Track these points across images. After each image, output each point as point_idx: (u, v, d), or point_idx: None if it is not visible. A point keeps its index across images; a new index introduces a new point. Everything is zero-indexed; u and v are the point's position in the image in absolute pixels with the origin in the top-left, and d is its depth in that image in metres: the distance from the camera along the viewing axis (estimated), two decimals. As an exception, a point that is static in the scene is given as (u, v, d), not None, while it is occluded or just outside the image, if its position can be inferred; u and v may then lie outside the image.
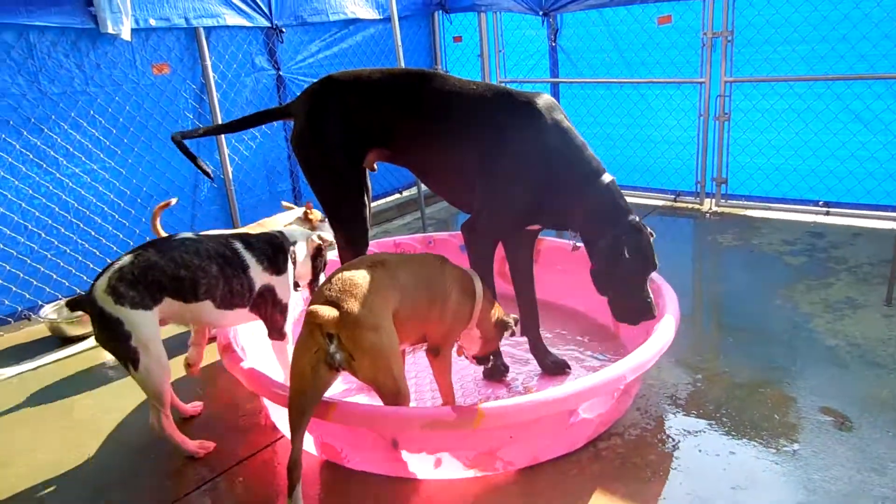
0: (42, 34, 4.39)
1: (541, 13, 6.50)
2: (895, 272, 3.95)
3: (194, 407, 3.30)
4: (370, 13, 6.51)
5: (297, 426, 2.42)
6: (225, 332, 3.20)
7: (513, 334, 3.00)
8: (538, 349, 3.45)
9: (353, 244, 3.21)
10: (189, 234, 2.96)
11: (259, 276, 2.95)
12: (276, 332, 3.08)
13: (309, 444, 2.89)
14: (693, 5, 5.84)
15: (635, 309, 3.02)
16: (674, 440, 2.87)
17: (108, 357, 4.02)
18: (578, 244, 3.13)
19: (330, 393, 2.59)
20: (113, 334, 2.64)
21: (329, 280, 2.50)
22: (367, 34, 6.62)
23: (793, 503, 2.46)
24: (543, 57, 6.96)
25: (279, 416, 3.06)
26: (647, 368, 2.83)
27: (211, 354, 3.73)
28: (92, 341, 4.18)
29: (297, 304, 3.38)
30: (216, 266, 2.83)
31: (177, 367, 3.24)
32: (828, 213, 5.68)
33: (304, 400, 2.40)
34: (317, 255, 3.24)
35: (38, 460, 3.01)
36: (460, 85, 3.09)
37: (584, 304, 4.05)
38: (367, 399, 2.98)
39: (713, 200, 6.24)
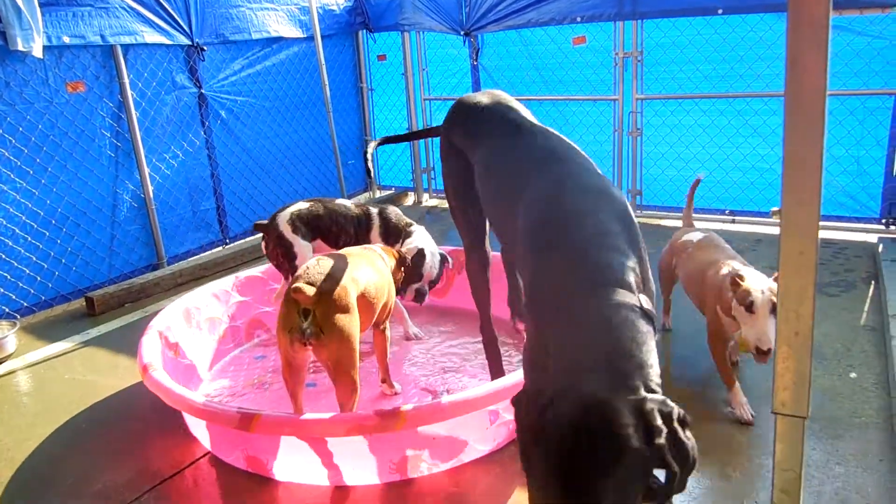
0: (-54, 51, 4.24)
1: (462, 33, 6.70)
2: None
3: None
4: (293, 32, 6.55)
5: (295, 393, 2.88)
6: (143, 352, 3.17)
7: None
8: None
9: (470, 251, 3.23)
10: (345, 202, 4.11)
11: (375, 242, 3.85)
12: None
13: (236, 460, 2.89)
14: (605, 27, 6.15)
15: None
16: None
17: (21, 384, 3.88)
18: None
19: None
20: (285, 251, 3.77)
21: (306, 266, 2.83)
22: (291, 52, 6.65)
23: (700, 489, 2.62)
24: (466, 75, 7.15)
25: (199, 431, 3.04)
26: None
27: (133, 376, 3.68)
28: (2, 369, 4.03)
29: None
30: (353, 228, 3.92)
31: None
32: (733, 221, 6.04)
33: (291, 371, 2.82)
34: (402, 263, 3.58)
35: (-54, 492, 2.89)
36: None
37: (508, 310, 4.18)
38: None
39: (637, 211, 6.52)
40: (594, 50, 6.34)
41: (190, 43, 5.62)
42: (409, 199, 7.87)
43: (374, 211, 4.05)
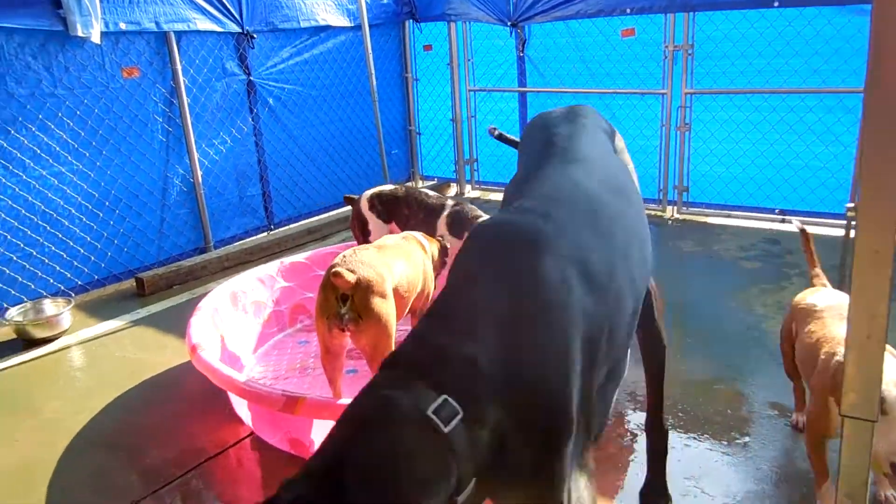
0: (10, 36, 4.38)
1: (509, 24, 6.65)
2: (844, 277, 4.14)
3: None
4: (341, 20, 6.59)
5: (334, 379, 2.96)
6: (191, 332, 3.25)
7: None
8: None
9: None
10: (429, 191, 4.24)
11: (441, 230, 3.91)
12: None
13: (279, 441, 2.95)
14: (655, 19, 6.04)
15: None
16: (632, 435, 2.99)
17: (75, 359, 4.02)
18: None
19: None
20: (361, 227, 4.11)
21: (343, 255, 2.89)
22: (338, 41, 6.70)
23: (743, 491, 2.58)
24: (512, 66, 7.11)
25: (244, 411, 3.10)
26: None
27: (180, 356, 3.77)
28: (57, 344, 4.18)
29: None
30: (423, 214, 4.00)
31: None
32: (783, 221, 5.90)
33: (330, 357, 2.89)
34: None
35: (7, 460, 3.01)
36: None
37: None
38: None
39: (675, 208, 6.43)
40: (643, 42, 6.23)
41: (240, 30, 5.70)
42: (452, 190, 7.87)
43: (449, 202, 4.10)
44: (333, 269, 2.71)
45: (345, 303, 2.71)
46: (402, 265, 3.08)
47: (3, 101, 4.41)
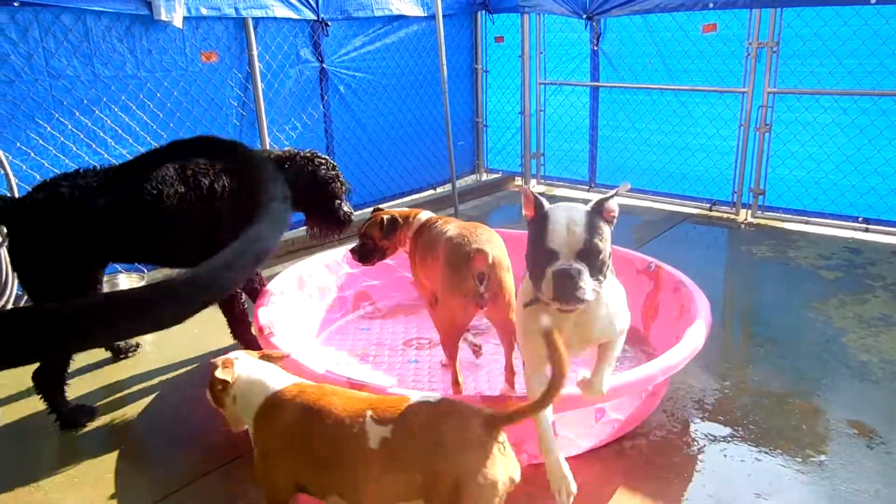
0: (98, 18, 4.54)
1: (584, 16, 6.51)
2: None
3: None
4: (415, 10, 6.58)
5: (454, 354, 2.98)
6: (259, 314, 3.29)
7: None
8: None
9: None
10: None
11: None
12: None
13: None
14: (739, 14, 5.80)
15: None
16: (699, 444, 2.88)
17: (143, 336, 4.14)
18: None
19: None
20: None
21: (463, 235, 2.90)
22: (411, 31, 6.70)
23: (817, 513, 2.45)
24: (584, 60, 6.96)
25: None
26: (677, 370, 2.84)
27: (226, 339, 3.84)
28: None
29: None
30: None
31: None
32: (867, 230, 5.59)
33: (457, 333, 2.94)
34: None
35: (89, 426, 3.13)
36: None
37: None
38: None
39: (749, 211, 6.19)
40: (725, 39, 5.99)
41: (315, 18, 5.76)
42: (517, 185, 7.79)
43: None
44: (477, 249, 2.79)
45: (481, 282, 2.79)
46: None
47: (89, 81, 4.58)
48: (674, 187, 6.62)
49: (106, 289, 4.45)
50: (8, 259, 4.16)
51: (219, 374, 2.26)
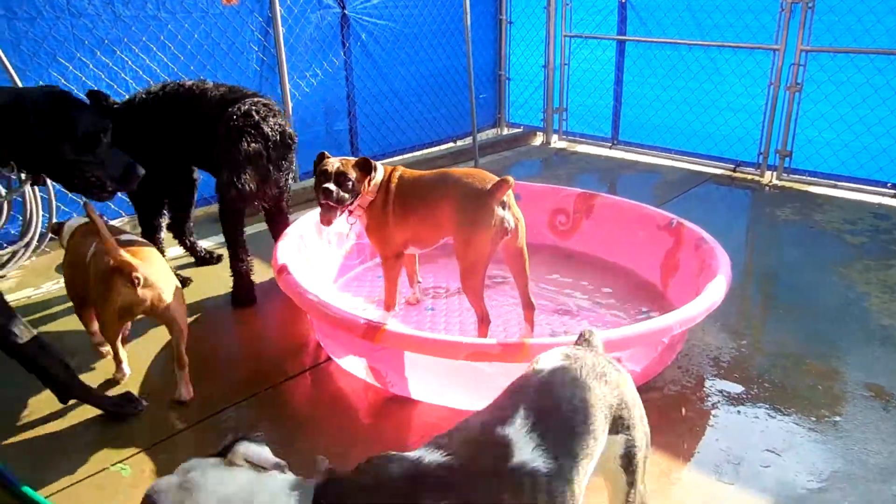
0: (120, -44, 4.47)
1: (614, -33, 6.32)
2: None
3: None
4: (439, -44, 6.42)
5: (481, 291, 3.00)
6: (278, 254, 3.31)
7: None
8: None
9: None
10: None
11: None
12: None
13: (357, 369, 3.00)
14: (775, -33, 5.59)
15: None
16: (712, 400, 2.88)
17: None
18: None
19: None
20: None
21: (468, 174, 3.00)
22: (435, -22, 6.55)
23: (829, 470, 2.45)
24: (612, 13, 6.77)
25: (324, 339, 3.17)
26: (695, 323, 2.83)
27: (266, 273, 3.87)
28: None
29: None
30: None
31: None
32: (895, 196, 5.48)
33: (485, 267, 2.95)
34: None
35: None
36: None
37: (633, 261, 4.04)
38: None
39: (774, 173, 6.07)
40: (759, -7, 5.80)
41: (338, -38, 5.64)
42: (538, 140, 7.69)
43: None
44: (500, 179, 2.85)
45: (504, 209, 2.89)
46: None
47: (110, 21, 4.54)
48: (698, 146, 6.50)
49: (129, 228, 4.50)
50: (33, 198, 4.20)
51: None
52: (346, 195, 3.08)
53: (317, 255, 3.79)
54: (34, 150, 2.43)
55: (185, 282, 3.93)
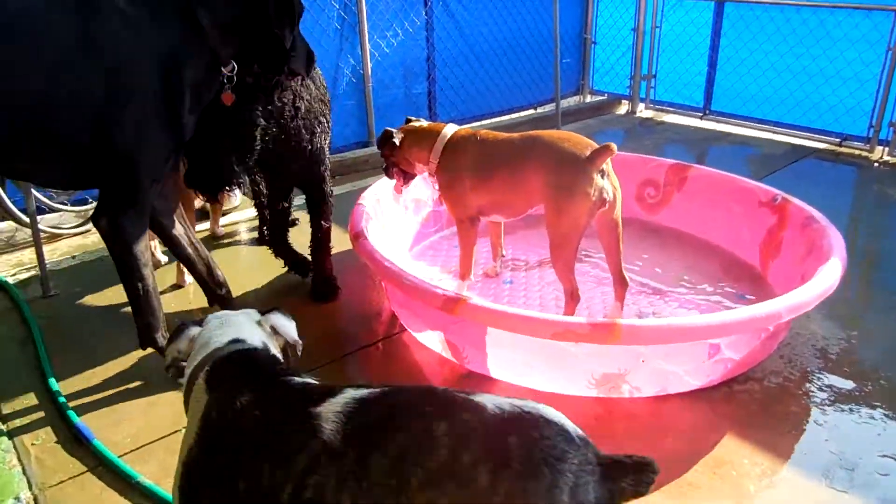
0: None
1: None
2: None
3: None
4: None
5: (572, 263, 2.83)
6: (355, 220, 3.21)
7: None
8: None
9: None
10: None
11: None
12: None
13: (432, 342, 2.89)
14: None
15: None
16: (819, 396, 2.62)
17: (243, 236, 4.17)
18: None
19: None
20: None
21: (561, 137, 2.83)
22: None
23: (958, 483, 2.18)
24: (712, -29, 6.31)
25: (399, 309, 3.06)
26: (806, 311, 2.56)
27: (340, 244, 3.79)
28: (228, 219, 4.35)
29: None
30: None
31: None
32: None
33: (579, 238, 2.78)
34: None
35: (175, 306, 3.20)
36: None
37: (728, 239, 3.75)
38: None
39: (886, 149, 5.55)
40: (882, -53, 5.25)
41: (423, -84, 5.42)
42: (623, 108, 7.32)
43: None
44: (601, 146, 2.69)
45: (603, 177, 2.73)
46: None
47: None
48: (800, 118, 6.01)
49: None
50: None
51: None
52: (388, 169, 3.26)
53: (393, 222, 3.67)
54: (264, 36, 2.41)
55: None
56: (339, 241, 3.82)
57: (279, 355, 1.63)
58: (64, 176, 2.41)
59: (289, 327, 1.70)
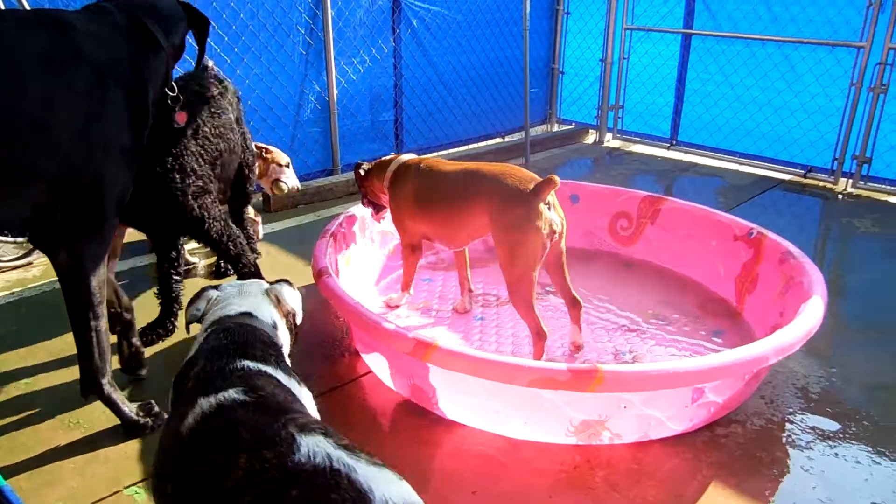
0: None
1: (682, -45, 5.91)
2: None
3: None
4: (496, -59, 6.09)
5: (532, 298, 2.74)
6: (318, 256, 3.05)
7: None
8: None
9: None
10: None
11: None
12: None
13: (400, 386, 2.71)
14: (863, -43, 5.14)
15: None
16: (804, 439, 2.52)
17: (205, 268, 3.97)
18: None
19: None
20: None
21: (504, 172, 2.78)
22: (492, -33, 6.22)
23: (951, 533, 2.09)
24: (678, 5, 6.36)
25: (365, 350, 2.89)
26: (792, 353, 2.47)
27: (304, 279, 3.61)
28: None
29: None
30: None
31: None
32: None
33: (536, 270, 2.71)
34: None
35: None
36: None
37: (703, 273, 3.68)
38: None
39: (850, 181, 5.61)
40: (844, -15, 5.34)
41: (391, -57, 5.36)
42: (590, 138, 7.31)
43: None
44: (544, 179, 2.66)
45: (550, 209, 2.73)
46: None
47: (153, -3, 4.32)
48: (766, 150, 6.06)
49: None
50: None
51: None
52: (362, 196, 3.40)
53: (359, 255, 3.51)
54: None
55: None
56: (303, 276, 3.66)
57: (283, 326, 1.83)
58: (22, 213, 2.13)
59: (292, 297, 1.90)
